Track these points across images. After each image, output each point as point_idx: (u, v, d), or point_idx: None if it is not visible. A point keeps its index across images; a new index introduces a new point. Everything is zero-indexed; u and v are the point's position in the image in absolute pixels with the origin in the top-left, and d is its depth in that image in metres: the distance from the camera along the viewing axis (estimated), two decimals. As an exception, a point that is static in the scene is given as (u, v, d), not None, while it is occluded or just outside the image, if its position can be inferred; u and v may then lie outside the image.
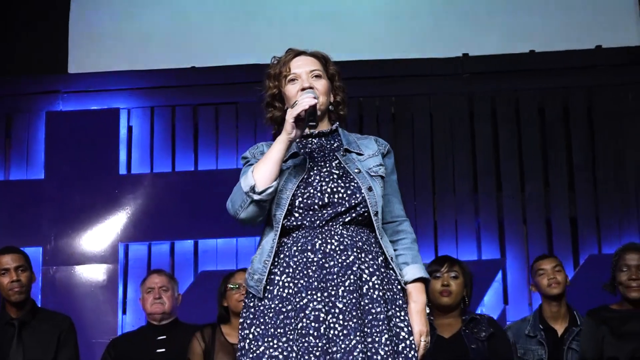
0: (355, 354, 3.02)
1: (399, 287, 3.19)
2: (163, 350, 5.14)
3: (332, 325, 3.06)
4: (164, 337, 5.17)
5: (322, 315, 3.06)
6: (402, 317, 3.14)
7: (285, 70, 3.25)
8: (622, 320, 4.83)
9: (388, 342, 3.07)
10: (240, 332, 3.19)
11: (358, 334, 3.05)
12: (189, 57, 6.51)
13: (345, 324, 3.06)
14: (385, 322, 3.09)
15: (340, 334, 3.06)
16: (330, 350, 3.05)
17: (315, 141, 3.26)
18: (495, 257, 6.00)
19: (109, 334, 5.62)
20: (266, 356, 3.07)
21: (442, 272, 4.34)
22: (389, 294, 3.16)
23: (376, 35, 6.59)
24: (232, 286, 4.88)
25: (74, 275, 5.98)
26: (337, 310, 3.07)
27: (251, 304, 3.18)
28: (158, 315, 5.20)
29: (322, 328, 3.06)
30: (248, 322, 3.17)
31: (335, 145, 3.27)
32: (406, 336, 3.12)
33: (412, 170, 6.30)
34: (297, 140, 3.18)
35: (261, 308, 3.14)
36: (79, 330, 5.07)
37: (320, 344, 3.05)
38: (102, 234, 5.98)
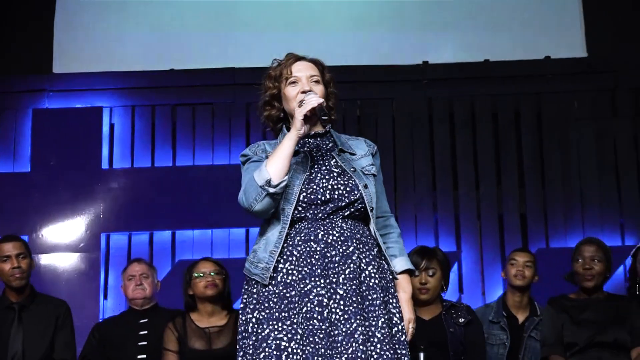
0: (356, 336, 3.09)
1: (390, 276, 3.28)
2: (145, 332, 5.15)
3: (334, 309, 3.13)
4: (145, 320, 5.19)
5: (324, 300, 3.13)
6: (394, 304, 3.24)
7: (286, 72, 3.30)
8: (580, 308, 4.94)
9: (384, 326, 3.15)
10: (241, 316, 3.25)
11: (358, 317, 3.12)
12: (168, 60, 6.57)
13: (346, 308, 3.13)
14: (382, 307, 3.18)
15: (342, 317, 3.12)
16: (332, 333, 3.11)
17: (312, 141, 3.33)
18: (452, 249, 6.08)
19: (91, 318, 5.65)
20: (271, 338, 3.13)
21: (421, 270, 4.41)
22: (383, 282, 3.24)
23: (344, 43, 6.62)
24: (197, 275, 4.89)
25: (58, 262, 6.01)
26: (338, 296, 3.14)
27: (254, 290, 3.23)
28: (139, 301, 5.24)
29: (325, 312, 3.12)
30: (251, 307, 3.22)
31: (330, 145, 3.35)
32: (398, 321, 3.22)
33: None
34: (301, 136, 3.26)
35: (265, 294, 3.19)
36: (63, 314, 5.27)
37: (323, 327, 3.11)
38: (85, 224, 6.03)
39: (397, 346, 3.18)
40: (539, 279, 5.31)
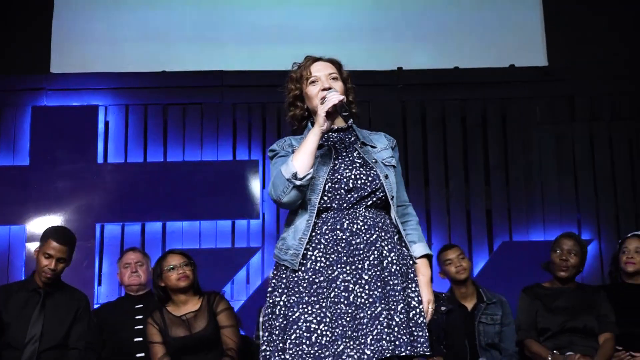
0: (380, 319, 3.13)
1: (410, 262, 3.32)
2: (141, 317, 5.19)
3: (359, 294, 3.17)
4: (141, 305, 5.27)
5: (350, 285, 3.18)
6: (413, 288, 3.27)
7: (306, 73, 3.38)
8: (553, 296, 5.06)
9: (403, 311, 3.18)
10: (268, 299, 3.32)
11: (383, 301, 3.16)
12: (160, 62, 6.63)
13: (371, 292, 3.17)
14: (401, 292, 3.21)
15: (367, 301, 3.16)
16: (358, 316, 3.15)
17: (335, 135, 3.38)
18: (423, 242, 6.21)
19: (86, 303, 5.66)
20: (301, 320, 3.17)
21: None
22: (404, 268, 3.28)
23: (324, 49, 6.34)
24: (168, 268, 4.88)
25: None
26: (363, 281, 3.18)
27: (283, 275, 3.28)
28: (135, 287, 5.34)
29: (351, 297, 3.16)
30: (279, 290, 3.29)
31: (352, 139, 3.40)
32: (416, 305, 3.24)
33: None
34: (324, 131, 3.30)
35: (295, 279, 3.24)
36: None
37: (349, 311, 3.15)
38: (80, 215, 6.08)
39: (413, 329, 3.21)
40: (497, 269, 5.55)
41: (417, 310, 3.22)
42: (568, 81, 6.70)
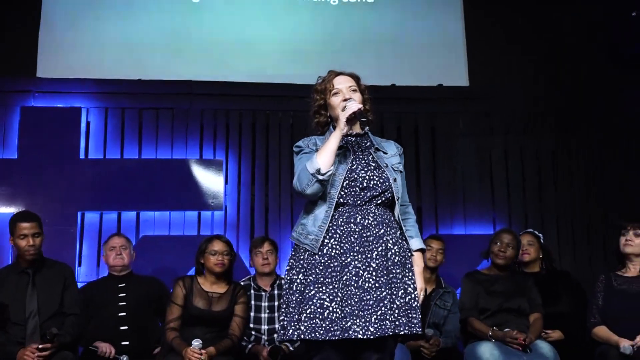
0: (385, 302, 3.25)
1: (408, 254, 3.44)
2: (124, 294, 5.32)
3: (367, 279, 3.28)
4: (124, 284, 5.38)
5: (360, 271, 3.28)
6: (409, 277, 3.38)
7: (329, 86, 3.48)
8: (491, 282, 5.20)
9: (402, 296, 3.31)
10: (286, 275, 3.42)
11: (386, 287, 3.28)
12: (136, 70, 6.73)
13: (377, 279, 3.28)
14: (401, 280, 3.34)
15: (373, 286, 3.27)
16: (365, 298, 3.25)
17: (353, 139, 3.47)
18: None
19: (67, 282, 5.46)
20: (316, 298, 3.26)
21: None
22: (403, 259, 3.39)
23: (278, 64, 6.88)
24: (211, 251, 4.95)
25: None
26: (371, 269, 3.29)
27: (301, 257, 3.38)
28: (119, 268, 5.43)
29: (360, 281, 3.26)
30: (297, 269, 3.38)
31: (367, 144, 3.50)
32: (412, 291, 3.36)
33: None
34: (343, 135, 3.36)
35: (312, 262, 3.33)
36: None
37: (358, 293, 3.25)
38: (63, 204, 6.15)
39: (409, 312, 3.32)
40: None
41: (412, 295, 3.35)
42: (486, 99, 6.97)
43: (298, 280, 3.35)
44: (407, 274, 3.37)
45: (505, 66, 7.14)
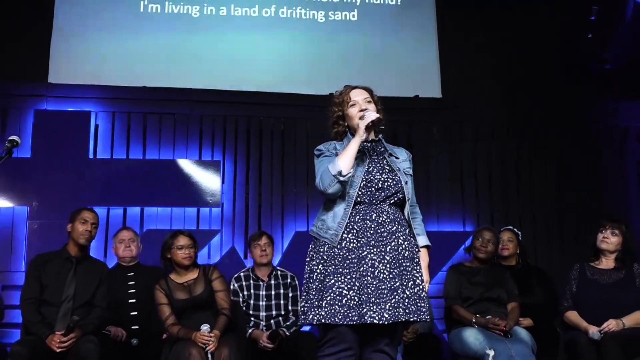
0: (399, 291, 3.33)
1: (416, 250, 3.50)
2: (133, 282, 5.48)
3: (382, 271, 3.35)
4: (132, 274, 5.54)
5: (376, 263, 3.35)
6: (417, 270, 3.44)
7: (347, 98, 3.58)
8: (473, 273, 5.32)
9: (412, 286, 3.40)
10: (307, 266, 3.49)
11: (398, 278, 3.35)
12: (141, 78, 6.83)
13: (391, 270, 3.36)
14: (410, 272, 3.42)
15: (387, 277, 3.34)
16: (380, 287, 3.32)
17: (369, 145, 3.56)
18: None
19: (76, 271, 5.49)
20: (335, 287, 3.32)
21: None
22: (412, 254, 3.45)
23: (273, 74, 7.02)
24: (177, 246, 5.01)
25: (51, 228, 6.10)
26: (385, 261, 3.36)
27: (321, 250, 3.43)
28: (128, 259, 5.59)
29: (375, 272, 3.33)
30: (317, 261, 3.44)
31: (382, 149, 3.60)
32: (420, 282, 3.43)
33: (293, 168, 6.82)
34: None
35: (332, 254, 3.38)
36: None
37: (374, 283, 3.32)
38: (73, 199, 6.09)
39: (418, 301, 3.39)
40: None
41: (420, 286, 3.43)
42: (457, 109, 7.14)
43: (318, 271, 3.41)
44: (415, 267, 3.45)
45: (474, 80, 7.27)
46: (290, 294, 5.68)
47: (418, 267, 3.45)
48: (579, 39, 7.21)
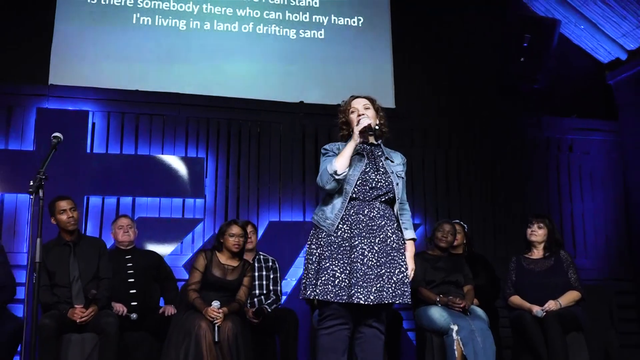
0: (384, 277, 3.43)
1: (403, 242, 3.60)
2: (130, 264, 5.62)
3: (370, 258, 3.43)
4: (130, 256, 5.69)
5: (366, 252, 3.44)
6: (403, 259, 3.55)
7: (349, 106, 3.73)
8: (435, 260, 5.44)
9: (397, 273, 3.50)
10: (308, 247, 3.58)
11: (386, 266, 3.45)
12: (134, 82, 6.99)
13: (379, 259, 3.45)
14: (397, 261, 3.52)
15: (375, 264, 3.43)
16: (367, 273, 3.40)
17: (368, 148, 3.64)
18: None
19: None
20: (329, 269, 3.41)
21: None
22: (398, 245, 3.55)
23: (251, 82, 7.22)
24: (230, 233, 5.11)
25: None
26: (374, 251, 3.45)
27: (320, 236, 3.53)
28: (126, 243, 5.72)
29: (364, 259, 3.41)
30: (315, 245, 3.53)
31: (379, 153, 3.67)
32: (404, 270, 3.53)
33: (268, 165, 7.05)
34: (359, 144, 3.55)
35: (328, 241, 3.48)
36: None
37: (363, 269, 3.41)
38: (72, 189, 6.03)
39: (402, 286, 3.50)
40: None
41: (405, 274, 3.55)
42: (408, 119, 7.36)
43: (316, 254, 3.52)
44: (401, 257, 3.57)
45: (423, 92, 7.59)
46: (272, 276, 5.93)
47: (403, 257, 3.58)
48: (512, 61, 7.63)
